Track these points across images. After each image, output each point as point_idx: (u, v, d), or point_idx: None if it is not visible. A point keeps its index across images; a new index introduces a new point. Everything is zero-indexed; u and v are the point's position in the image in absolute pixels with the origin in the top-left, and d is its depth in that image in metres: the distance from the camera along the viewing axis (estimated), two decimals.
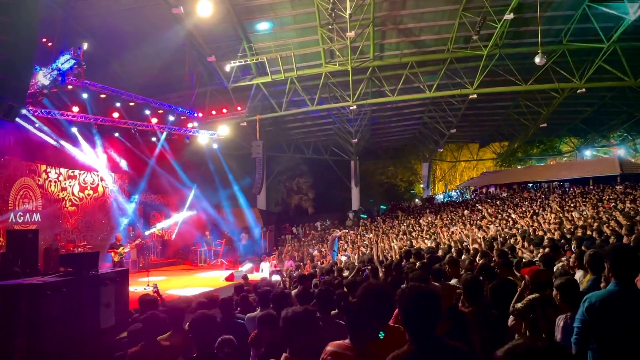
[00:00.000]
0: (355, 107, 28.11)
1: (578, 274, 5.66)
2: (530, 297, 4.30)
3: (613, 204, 20.97)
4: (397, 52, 25.51)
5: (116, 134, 23.96)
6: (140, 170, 25.60)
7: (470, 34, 22.27)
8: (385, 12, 22.20)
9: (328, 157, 41.14)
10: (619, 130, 41.38)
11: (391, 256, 14.50)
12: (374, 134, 38.91)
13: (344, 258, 19.75)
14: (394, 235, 25.08)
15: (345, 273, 10.88)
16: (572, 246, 8.01)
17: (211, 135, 26.48)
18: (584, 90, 26.88)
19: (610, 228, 11.22)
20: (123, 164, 24.63)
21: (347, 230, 28.02)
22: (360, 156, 41.38)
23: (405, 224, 29.67)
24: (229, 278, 19.79)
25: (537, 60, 20.04)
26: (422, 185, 50.51)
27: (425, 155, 47.59)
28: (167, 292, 14.73)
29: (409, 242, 20.08)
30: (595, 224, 13.64)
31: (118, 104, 22.07)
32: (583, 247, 7.62)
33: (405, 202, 44.44)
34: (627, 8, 20.43)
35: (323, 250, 25.82)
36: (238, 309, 7.29)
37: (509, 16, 19.98)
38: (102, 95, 21.19)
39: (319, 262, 20.72)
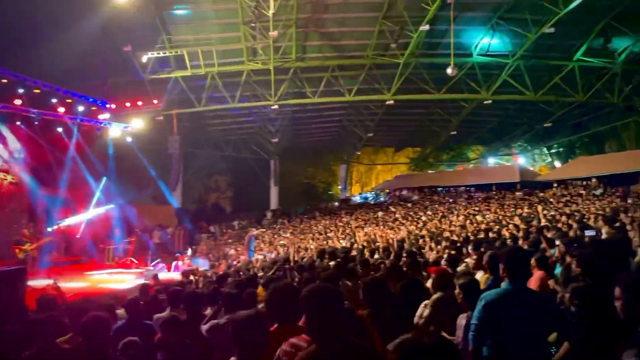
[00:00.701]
0: (276, 106, 28.11)
1: (478, 275, 6.05)
2: (435, 296, 4.53)
3: (512, 209, 22.60)
4: (319, 54, 25.83)
5: (18, 123, 22.16)
6: (44, 163, 23.84)
7: (389, 42, 23.06)
8: (308, 15, 22.41)
9: (248, 156, 40.75)
10: (520, 141, 44.67)
11: (308, 255, 14.66)
12: (294, 134, 39.10)
13: (260, 257, 19.68)
14: (311, 235, 25.39)
15: (261, 273, 10.86)
16: (469, 248, 8.53)
17: (124, 128, 25.30)
18: (490, 101, 28.79)
19: (509, 231, 12.09)
20: (25, 155, 22.82)
21: (264, 230, 27.92)
22: (280, 156, 41.40)
23: (322, 224, 30.12)
24: (138, 277, 19.01)
25: (449, 71, 21.12)
26: (339, 187, 51.46)
27: (343, 157, 48.54)
28: (69, 291, 13.87)
29: (325, 242, 20.41)
30: (496, 227, 14.65)
31: (21, 90, 20.40)
32: (482, 249, 8.15)
33: (323, 203, 45.05)
34: (530, 28, 22.13)
35: (239, 249, 25.55)
36: (148, 309, 7.04)
37: (425, 27, 20.94)
38: (4, 80, 19.51)
39: (235, 262, 20.51)
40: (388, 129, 40.43)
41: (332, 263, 7.97)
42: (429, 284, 5.44)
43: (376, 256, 10.07)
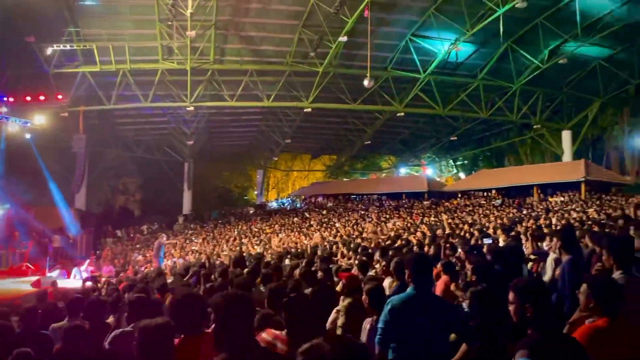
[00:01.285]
0: (192, 108, 27.38)
1: (387, 280, 6.27)
2: (345, 302, 4.62)
3: (420, 217, 23.68)
4: (238, 58, 25.59)
5: None
6: None
7: (308, 50, 23.36)
8: (228, 17, 22.16)
9: (160, 157, 39.28)
10: (429, 152, 47.00)
11: (221, 262, 14.39)
12: (211, 137, 38.30)
13: (170, 264, 19.03)
14: (225, 241, 24.96)
15: (170, 279, 10.49)
16: (377, 255, 8.80)
17: (23, 124, 23.45)
18: (402, 114, 30.04)
19: (417, 238, 12.65)
20: None
21: (175, 242, 26.88)
22: (195, 159, 40.33)
23: (237, 230, 29.72)
24: (35, 284, 17.60)
25: (365, 83, 21.80)
26: (255, 192, 51.11)
27: (260, 162, 48.31)
28: None
29: (239, 248, 20.14)
30: (405, 234, 15.27)
31: None
32: (390, 256, 8.45)
33: (238, 208, 44.49)
34: (441, 46, 23.42)
35: (148, 255, 24.50)
36: (44, 318, 6.54)
37: (343, 39, 21.46)
38: None
39: (143, 268, 19.66)
40: (305, 136, 40.82)
41: (245, 270, 7.88)
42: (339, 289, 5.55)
43: (287, 262, 10.11)
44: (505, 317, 3.10)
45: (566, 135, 31.80)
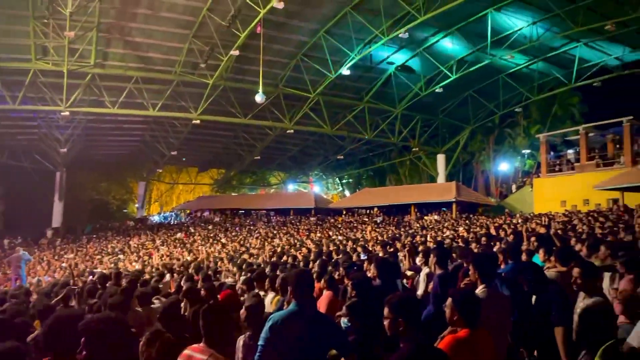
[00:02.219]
0: (67, 113, 25.35)
1: (269, 297, 6.25)
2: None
3: (306, 233, 24.05)
4: (122, 63, 24.29)
5: None
6: None
7: (199, 61, 22.90)
8: (112, 20, 21.01)
9: (28, 165, 35.77)
10: (317, 170, 48.15)
11: (92, 280, 13.37)
12: (88, 145, 35.68)
13: (35, 281, 17.27)
14: (100, 257, 23.31)
15: (34, 297, 9.53)
16: (267, 270, 8.81)
17: None
18: (292, 131, 30.51)
19: (302, 254, 12.81)
20: None
21: (42, 250, 24.54)
22: (68, 168, 37.31)
23: (113, 245, 27.88)
24: None
25: (257, 98, 21.79)
26: (136, 205, 48.53)
27: (143, 174, 46.05)
28: None
29: (115, 265, 18.88)
30: (292, 250, 15.39)
31: None
32: (278, 272, 8.47)
33: (116, 222, 41.84)
34: (330, 67, 24.25)
35: (8, 272, 22.00)
36: None
37: (235, 52, 21.36)
38: None
39: (2, 286, 17.62)
40: (193, 149, 39.76)
41: (119, 288, 7.40)
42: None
43: (167, 278, 9.70)
44: (381, 331, 3.24)
45: (440, 159, 34.49)
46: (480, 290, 4.06)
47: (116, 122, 31.99)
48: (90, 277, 14.07)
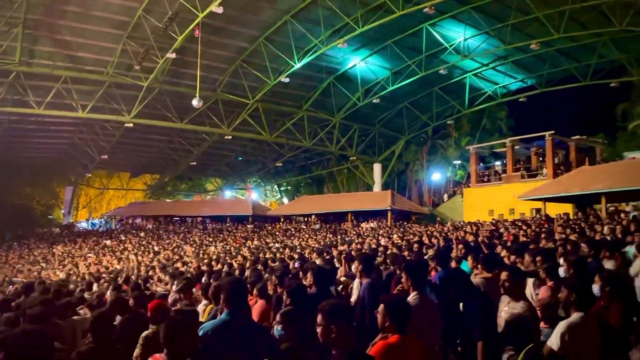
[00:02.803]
0: None
1: (202, 305, 6.12)
2: (145, 333, 4.34)
3: (243, 240, 23.78)
4: (50, 62, 23.07)
5: None
6: None
7: (133, 62, 22.18)
8: (40, 17, 19.94)
9: None
10: (255, 177, 47.78)
11: (16, 288, 12.54)
12: (9, 146, 33.43)
13: None
14: (21, 265, 21.93)
15: None
16: (203, 279, 8.62)
17: None
18: (230, 137, 30.13)
19: (238, 262, 12.64)
20: None
21: None
22: None
23: (36, 253, 26.31)
24: None
25: (194, 103, 21.39)
26: (62, 211, 46.05)
27: (70, 178, 43.80)
28: None
29: (37, 274, 17.82)
30: (227, 258, 15.14)
31: None
32: (212, 280, 8.30)
33: (40, 228, 39.46)
34: (270, 74, 24.23)
35: None
36: None
37: (172, 55, 20.88)
38: None
39: None
40: (125, 153, 38.33)
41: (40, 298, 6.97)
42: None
43: (95, 288, 9.27)
44: (314, 338, 3.24)
45: (377, 168, 35.25)
46: (412, 297, 4.16)
47: (42, 123, 30.20)
48: (10, 287, 13.20)
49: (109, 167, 43.02)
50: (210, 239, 25.85)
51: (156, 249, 23.61)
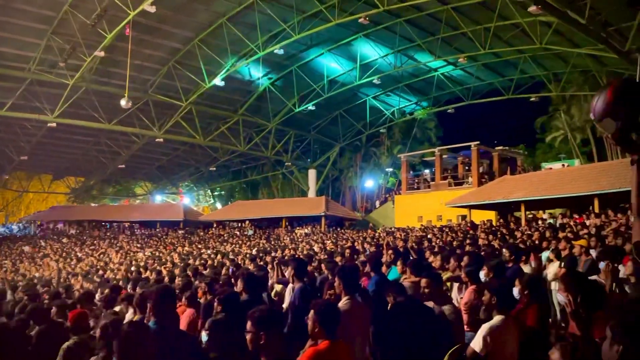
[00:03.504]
0: None
1: (129, 314, 5.89)
2: (66, 344, 4.15)
3: (173, 246, 23.12)
4: None
5: None
6: None
7: (58, 59, 21.06)
8: None
9: None
10: (187, 181, 46.64)
11: None
12: None
13: None
14: None
15: None
16: (129, 287, 8.31)
17: None
18: (162, 140, 29.26)
19: (167, 269, 12.27)
20: None
21: None
22: None
23: None
24: None
25: (122, 103, 20.62)
26: None
27: None
28: None
29: None
30: (156, 265, 14.67)
31: None
32: (138, 289, 8.01)
33: None
34: (205, 76, 23.82)
35: None
36: None
37: (100, 53, 20.05)
38: None
39: None
40: (47, 154, 36.22)
41: None
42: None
43: (8, 297, 8.69)
44: (244, 347, 3.20)
45: (312, 174, 35.49)
46: (343, 301, 4.22)
47: None
48: None
49: (29, 168, 40.50)
50: (139, 245, 24.93)
51: (80, 255, 22.46)
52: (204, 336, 4.39)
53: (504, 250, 7.84)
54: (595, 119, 2.31)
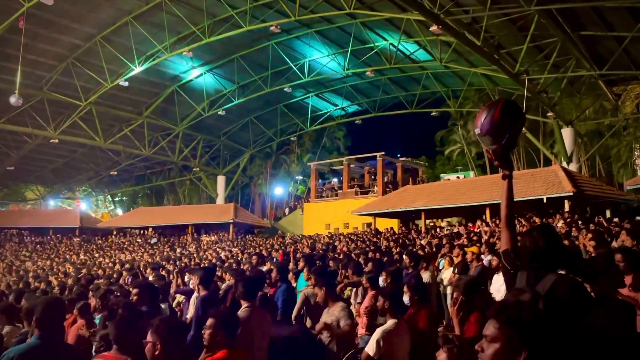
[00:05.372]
0: None
1: (6, 329, 5.44)
2: None
3: (67, 255, 21.61)
4: None
5: None
6: None
7: None
8: None
9: None
10: (85, 185, 43.82)
11: None
12: None
13: None
14: None
15: None
16: (11, 298, 7.64)
17: None
18: (57, 141, 27.29)
19: (59, 279, 11.45)
20: None
21: None
22: None
23: None
24: None
25: (12, 100, 19.08)
26: None
27: None
28: None
29: None
30: (49, 274, 13.62)
31: None
32: (24, 301, 7.40)
33: None
34: (107, 76, 22.62)
35: None
36: None
37: None
38: None
39: None
40: None
41: None
42: None
43: None
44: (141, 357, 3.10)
45: (220, 180, 34.87)
46: (243, 308, 4.19)
47: None
48: None
49: None
50: (28, 254, 23.00)
51: None
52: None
53: (404, 256, 8.21)
54: (480, 134, 2.49)
